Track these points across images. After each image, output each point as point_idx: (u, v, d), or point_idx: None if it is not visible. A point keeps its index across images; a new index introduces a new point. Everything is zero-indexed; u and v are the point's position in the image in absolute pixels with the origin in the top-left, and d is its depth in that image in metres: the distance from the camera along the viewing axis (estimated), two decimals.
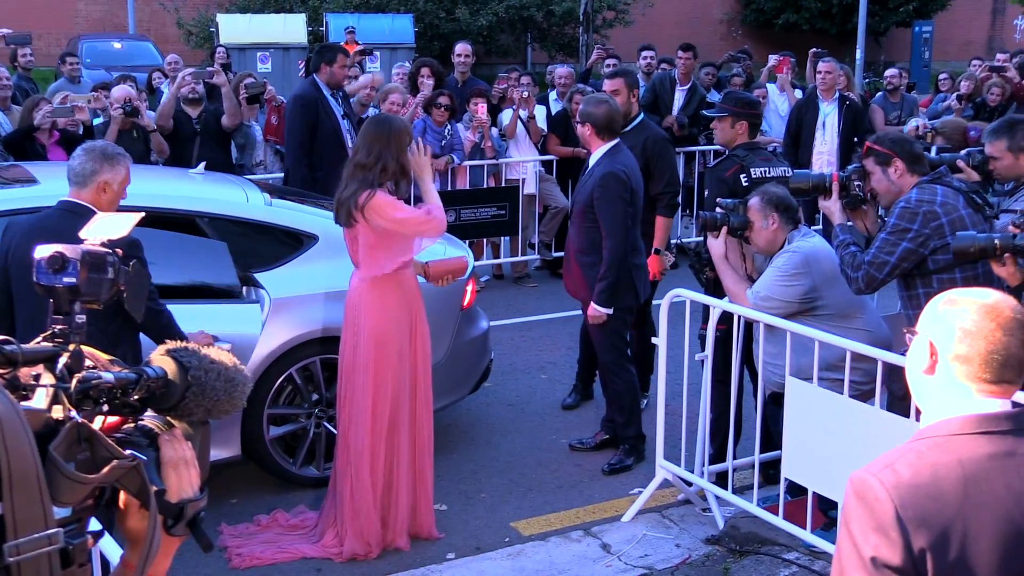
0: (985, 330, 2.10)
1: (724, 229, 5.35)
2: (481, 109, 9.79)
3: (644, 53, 12.18)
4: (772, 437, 5.29)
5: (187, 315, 4.99)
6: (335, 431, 5.86)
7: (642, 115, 6.74)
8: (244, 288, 5.71)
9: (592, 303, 6.00)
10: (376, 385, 5.09)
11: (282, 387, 5.75)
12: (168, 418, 1.69)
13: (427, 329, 5.24)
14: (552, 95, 11.03)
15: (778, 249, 5.25)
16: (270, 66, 19.42)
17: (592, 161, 6.02)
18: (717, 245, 5.40)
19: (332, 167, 8.18)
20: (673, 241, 10.86)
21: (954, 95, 12.55)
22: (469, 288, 6.23)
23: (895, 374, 4.51)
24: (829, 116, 10.21)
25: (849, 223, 4.94)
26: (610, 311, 6.00)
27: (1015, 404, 2.15)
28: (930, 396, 2.17)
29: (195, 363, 1.68)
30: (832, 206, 4.94)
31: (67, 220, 4.54)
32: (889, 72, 12.52)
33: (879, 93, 13.75)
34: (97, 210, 4.61)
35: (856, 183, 4.91)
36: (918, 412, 4.28)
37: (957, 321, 2.12)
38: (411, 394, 5.17)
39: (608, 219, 5.90)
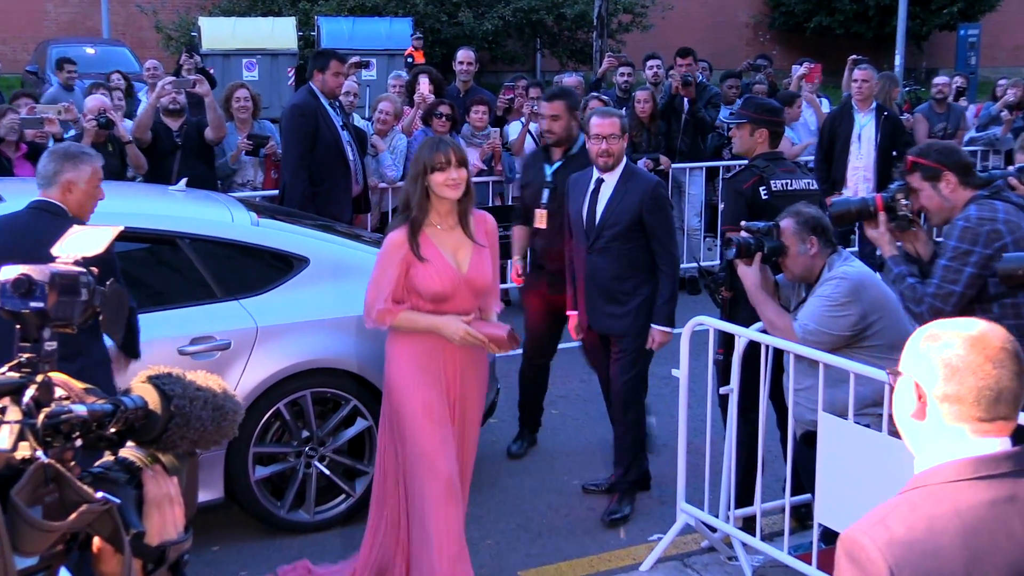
0: (973, 365, 2.10)
1: (758, 256, 5.29)
2: (494, 143, 9.89)
3: (650, 62, 12.16)
4: (803, 480, 5.29)
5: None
6: (326, 471, 5.88)
7: (582, 138, 6.67)
8: None
9: (657, 326, 6.00)
10: (395, 441, 4.97)
11: (269, 423, 5.78)
12: (152, 451, 1.69)
13: (477, 390, 5.07)
14: None
15: (815, 276, 5.24)
16: (257, 74, 19.54)
17: (598, 177, 6.07)
18: (751, 273, 5.30)
19: (334, 181, 8.31)
20: (695, 264, 11.01)
21: (1002, 105, 12.60)
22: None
23: None
24: (866, 128, 10.23)
25: (900, 250, 4.88)
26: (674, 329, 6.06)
27: (1013, 441, 2.15)
28: (922, 441, 2.17)
29: (179, 391, 1.68)
30: (880, 235, 4.85)
31: (39, 219, 4.66)
32: (938, 80, 12.52)
33: (923, 104, 13.80)
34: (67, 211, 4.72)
35: (903, 203, 4.82)
36: None
37: (942, 357, 2.12)
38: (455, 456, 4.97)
39: (667, 232, 6.06)
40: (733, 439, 5.60)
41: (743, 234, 5.33)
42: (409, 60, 16.72)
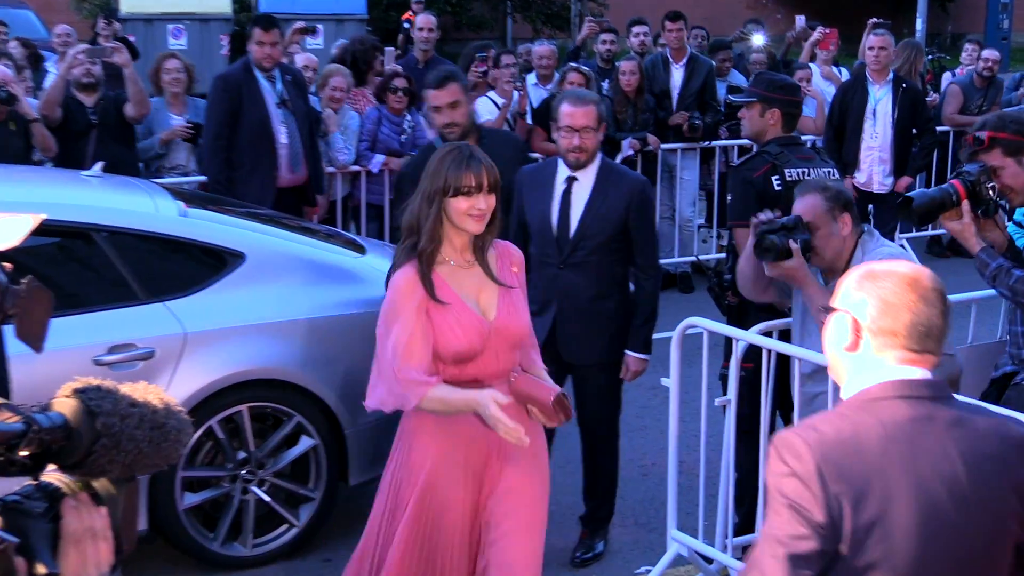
0: (908, 301, 2.63)
1: (797, 248, 5.05)
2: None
3: (635, 29, 12.19)
4: None
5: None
6: (266, 498, 5.89)
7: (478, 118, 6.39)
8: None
9: (633, 353, 5.86)
10: (407, 532, 4.43)
11: (200, 443, 5.78)
12: (81, 476, 1.64)
13: (532, 484, 4.47)
14: (531, 79, 11.12)
15: (846, 262, 5.10)
16: (185, 42, 19.44)
17: (567, 175, 5.82)
18: (799, 265, 5.06)
19: (253, 166, 8.30)
20: (691, 258, 11.04)
21: None
22: None
23: None
24: (881, 102, 10.30)
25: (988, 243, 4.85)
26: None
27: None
28: (852, 371, 2.71)
29: (107, 408, 1.63)
30: (965, 227, 4.79)
31: None
32: (988, 53, 12.56)
33: (948, 74, 13.89)
34: None
35: (988, 185, 4.77)
36: None
37: (879, 295, 2.65)
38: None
39: (653, 241, 5.91)
40: (731, 457, 5.64)
41: (772, 236, 5.08)
42: (406, 25, 16.36)
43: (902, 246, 9.72)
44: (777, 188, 5.87)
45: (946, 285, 2.74)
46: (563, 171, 5.82)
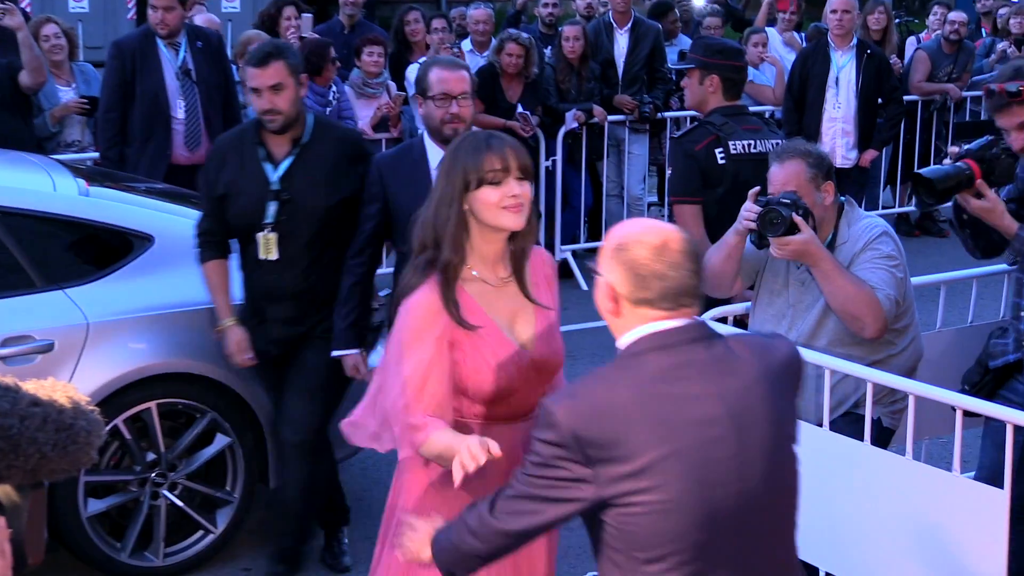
0: (658, 271, 2.97)
1: (806, 223, 4.89)
2: (393, 104, 9.86)
3: None
4: None
5: None
6: (179, 502, 5.84)
7: (311, 119, 5.75)
8: None
9: None
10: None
11: (105, 444, 5.72)
12: None
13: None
14: (466, 46, 11.10)
15: (827, 236, 5.05)
16: (87, 5, 19.25)
17: None
18: (809, 238, 4.87)
19: (145, 142, 8.21)
20: None
21: (1006, 42, 12.81)
22: None
23: None
24: (844, 70, 10.37)
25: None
26: None
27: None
28: (620, 329, 3.07)
29: (5, 408, 1.61)
30: (995, 204, 4.72)
31: None
32: (954, 16, 12.61)
33: (912, 39, 13.99)
34: None
35: (995, 150, 4.77)
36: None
37: (630, 267, 2.98)
38: None
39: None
40: None
41: (777, 207, 4.90)
42: None
43: None
44: (721, 162, 5.92)
45: (915, 265, 2.76)
46: (435, 151, 5.22)
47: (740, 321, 5.46)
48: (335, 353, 5.49)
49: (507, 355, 3.79)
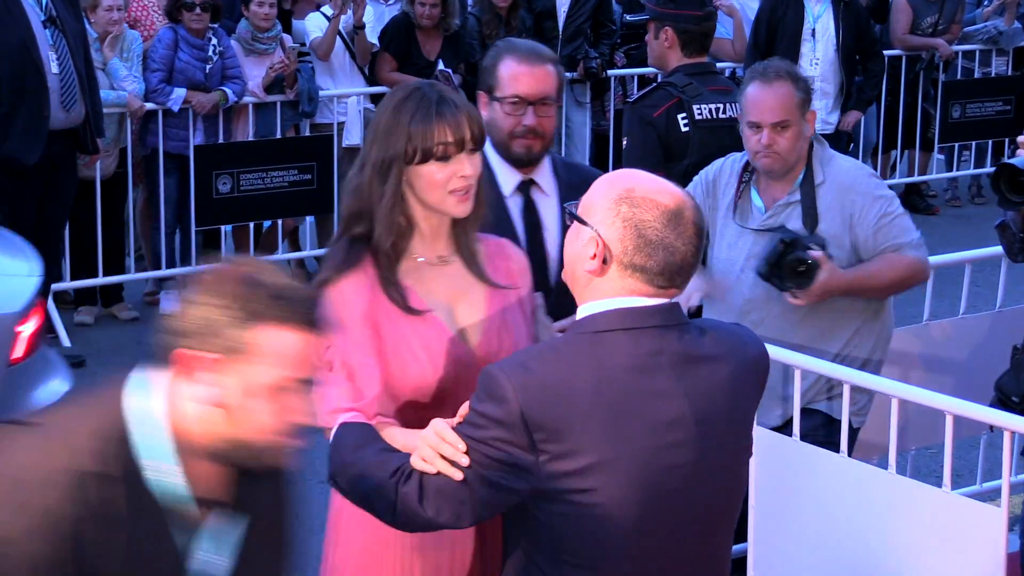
0: (667, 241, 2.93)
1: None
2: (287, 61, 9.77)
3: None
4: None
5: None
6: None
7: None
8: None
9: None
10: None
11: None
12: None
13: None
14: None
15: (799, 172, 5.12)
16: None
17: None
18: (830, 278, 4.91)
19: (15, 104, 8.08)
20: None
21: None
22: (26, 328, 5.89)
23: None
24: (821, 20, 10.30)
25: None
26: None
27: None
28: (590, 291, 3.01)
29: None
30: None
31: None
32: None
33: None
34: None
35: None
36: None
37: (638, 228, 2.93)
38: None
39: None
40: None
41: (798, 252, 4.89)
42: None
43: None
44: (684, 129, 5.91)
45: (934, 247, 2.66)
46: (507, 175, 4.47)
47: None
48: None
49: (440, 345, 3.60)
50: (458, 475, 2.95)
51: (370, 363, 3.54)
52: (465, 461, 2.93)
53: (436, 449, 3.02)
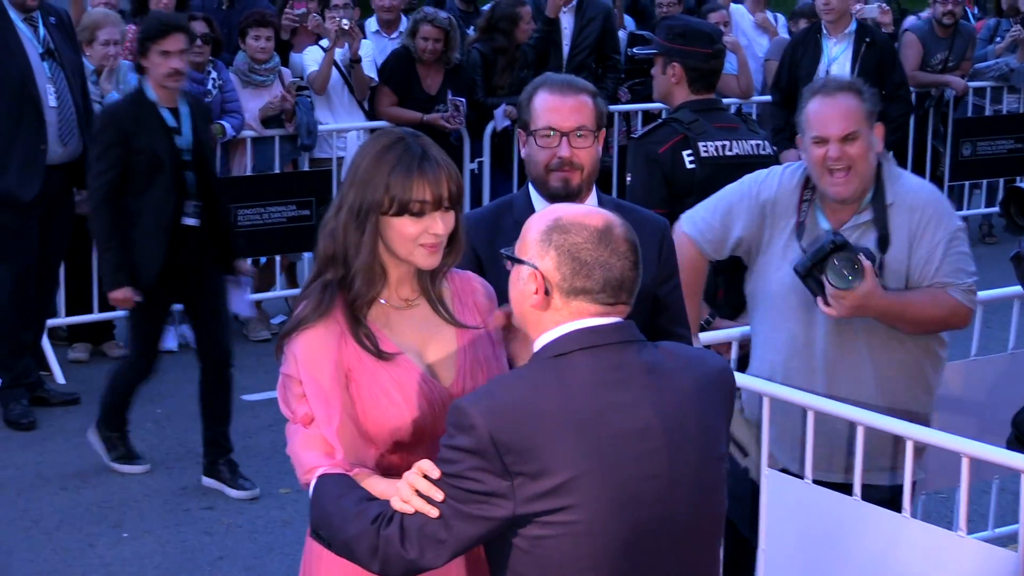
0: (602, 259, 3.08)
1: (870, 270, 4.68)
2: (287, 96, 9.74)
3: None
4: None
5: None
6: None
7: None
8: None
9: None
10: None
11: None
12: None
13: None
14: (372, 26, 11.10)
15: (867, 187, 4.88)
16: None
17: None
18: (870, 291, 4.68)
19: (12, 139, 8.13)
20: None
21: (1016, 24, 12.82)
22: None
23: None
24: (838, 61, 10.29)
25: None
26: None
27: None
28: (542, 324, 3.15)
29: None
30: None
31: None
32: None
33: (909, 19, 13.92)
34: None
35: None
36: None
37: (570, 252, 3.09)
38: None
39: (683, 301, 5.05)
40: None
41: (842, 253, 4.69)
42: None
43: None
44: (689, 166, 5.88)
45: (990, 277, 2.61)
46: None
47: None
48: None
49: (414, 386, 3.62)
50: (434, 512, 3.05)
51: (341, 419, 3.55)
52: (440, 496, 3.03)
53: (413, 486, 3.13)
